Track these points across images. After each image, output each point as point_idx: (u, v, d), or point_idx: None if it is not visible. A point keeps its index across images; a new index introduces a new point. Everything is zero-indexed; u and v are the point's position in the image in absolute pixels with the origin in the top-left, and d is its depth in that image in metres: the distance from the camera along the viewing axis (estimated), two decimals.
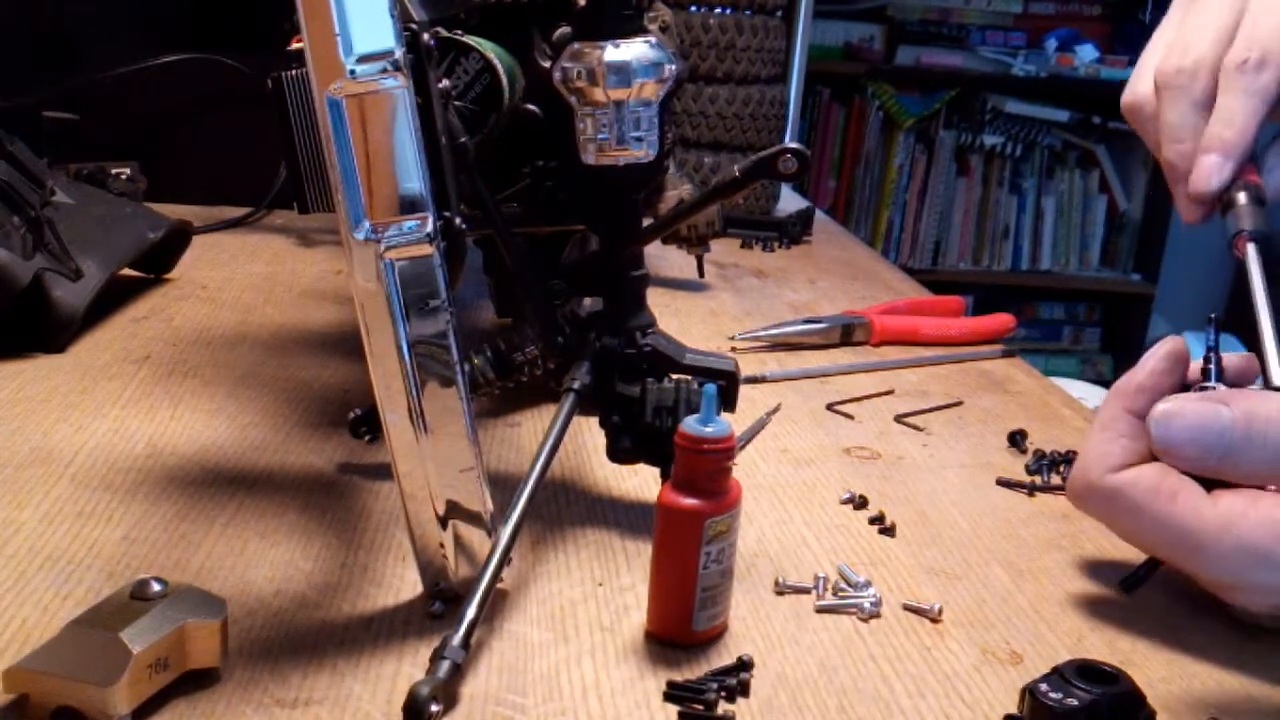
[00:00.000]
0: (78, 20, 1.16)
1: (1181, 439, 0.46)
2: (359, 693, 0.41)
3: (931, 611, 0.49)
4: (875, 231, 3.14)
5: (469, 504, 0.45)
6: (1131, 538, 0.49)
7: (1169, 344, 0.51)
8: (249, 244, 1.06)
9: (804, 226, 1.26)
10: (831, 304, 1.01)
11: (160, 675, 0.39)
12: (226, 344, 0.77)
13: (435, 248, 0.41)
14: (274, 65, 0.52)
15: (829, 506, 0.60)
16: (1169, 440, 0.46)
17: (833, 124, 3.11)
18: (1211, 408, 0.45)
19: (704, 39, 1.17)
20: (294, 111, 0.52)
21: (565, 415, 0.52)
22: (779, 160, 0.50)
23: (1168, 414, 0.46)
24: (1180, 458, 0.46)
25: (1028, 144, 3.17)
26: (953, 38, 3.11)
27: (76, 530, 0.51)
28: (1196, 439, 0.45)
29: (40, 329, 0.73)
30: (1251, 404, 0.45)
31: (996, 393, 0.81)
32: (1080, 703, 0.40)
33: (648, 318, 0.56)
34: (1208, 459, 0.45)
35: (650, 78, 0.50)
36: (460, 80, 0.55)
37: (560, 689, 0.42)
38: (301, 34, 0.39)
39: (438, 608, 0.46)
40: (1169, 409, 0.46)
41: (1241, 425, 0.45)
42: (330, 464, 0.60)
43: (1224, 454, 0.45)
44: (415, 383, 0.42)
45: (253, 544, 0.51)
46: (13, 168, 0.78)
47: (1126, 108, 0.63)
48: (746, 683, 0.43)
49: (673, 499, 0.44)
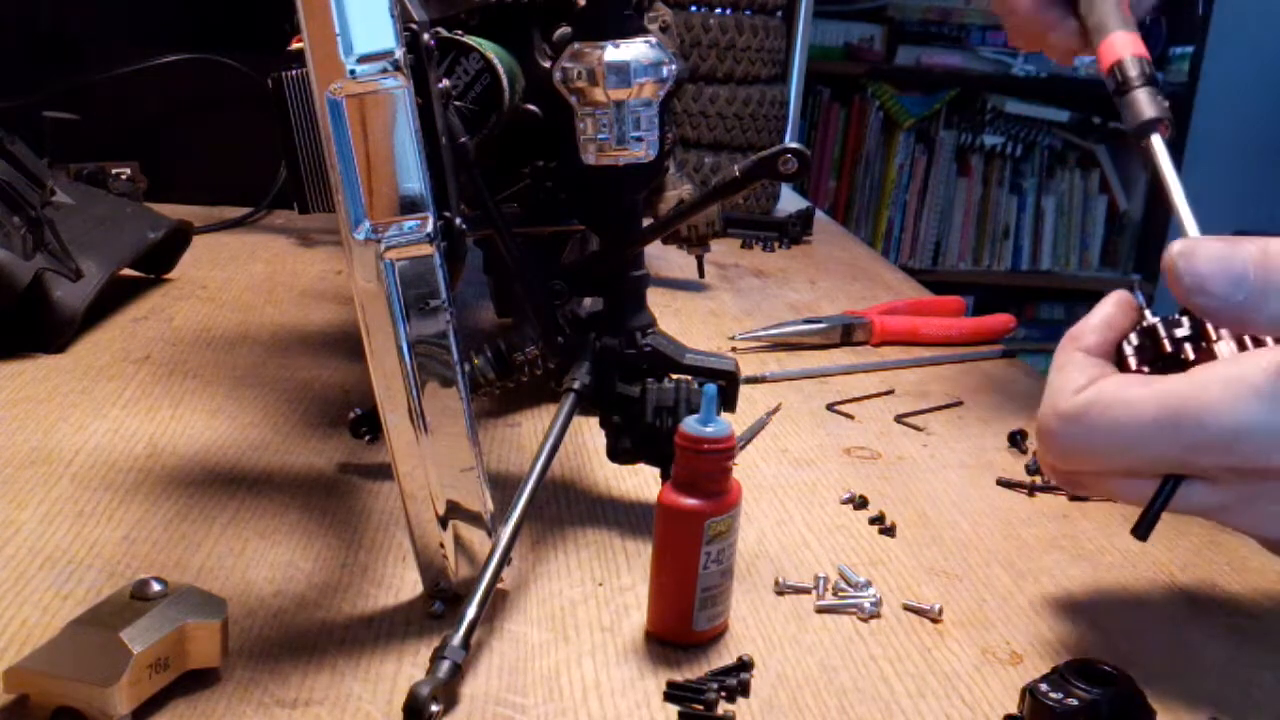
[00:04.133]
0: (78, 20, 1.16)
1: (1206, 271, 0.41)
2: (359, 693, 0.41)
3: (932, 612, 0.49)
4: (875, 231, 3.14)
5: (469, 504, 0.45)
6: (1122, 450, 0.44)
7: (1118, 294, 0.49)
8: (249, 244, 1.06)
9: (804, 226, 1.26)
10: (832, 304, 1.01)
11: (160, 675, 0.39)
12: (227, 344, 0.77)
13: (435, 248, 0.41)
14: (274, 65, 0.52)
15: (829, 506, 0.60)
16: (1194, 273, 0.41)
17: (833, 124, 3.11)
18: (1229, 242, 0.42)
19: (704, 39, 1.17)
20: (294, 111, 0.52)
21: (565, 415, 0.52)
22: (779, 160, 0.50)
23: (1189, 246, 0.42)
24: (1208, 294, 0.42)
25: (1028, 144, 3.16)
26: (953, 38, 3.10)
27: (76, 530, 0.51)
28: (1224, 270, 0.41)
29: (40, 329, 0.73)
30: (1264, 242, 0.42)
31: (996, 393, 0.81)
32: (1080, 703, 0.40)
33: (648, 318, 0.56)
34: (1236, 293, 0.41)
35: (650, 78, 0.50)
36: (460, 80, 0.55)
37: (560, 689, 0.42)
38: (301, 34, 0.39)
39: (438, 608, 0.46)
40: (1187, 244, 0.42)
41: (1259, 260, 0.41)
42: (330, 464, 0.60)
43: (1250, 290, 0.41)
44: (415, 383, 0.42)
45: (253, 544, 0.51)
46: (13, 168, 0.78)
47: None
48: (746, 683, 0.43)
49: (673, 499, 0.44)
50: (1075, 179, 3.23)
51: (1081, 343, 0.47)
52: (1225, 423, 0.41)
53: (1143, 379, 0.44)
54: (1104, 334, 0.48)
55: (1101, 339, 0.47)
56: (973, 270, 3.19)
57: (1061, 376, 0.46)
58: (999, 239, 3.19)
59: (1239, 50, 3.14)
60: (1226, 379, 0.41)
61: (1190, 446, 0.42)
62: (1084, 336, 0.48)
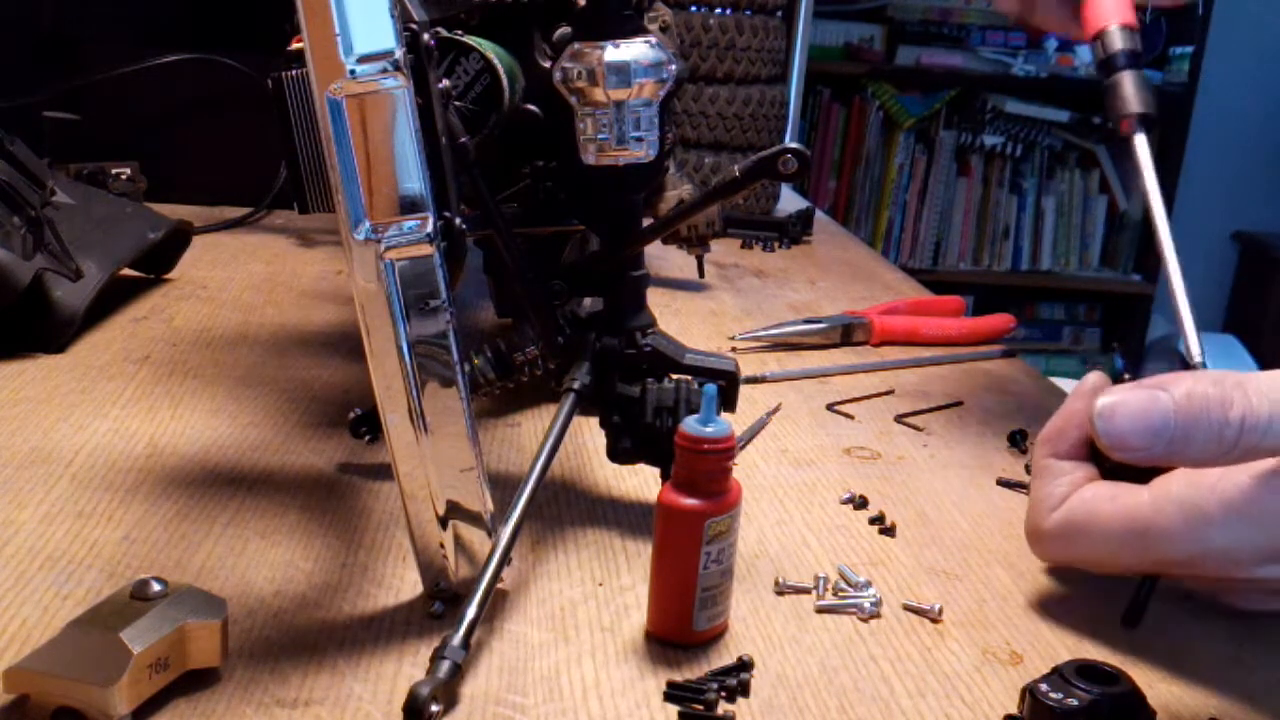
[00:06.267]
0: (78, 20, 1.16)
1: (1125, 429, 0.44)
2: (359, 693, 0.41)
3: (932, 612, 0.49)
4: (875, 231, 3.14)
5: (469, 504, 0.45)
6: (1101, 561, 0.49)
7: (1090, 381, 0.52)
8: (249, 244, 1.06)
9: (804, 226, 1.26)
10: (832, 304, 1.01)
11: (160, 675, 0.39)
12: (227, 344, 0.77)
13: (435, 248, 0.41)
14: (274, 65, 0.52)
15: (829, 507, 0.60)
16: (1113, 433, 0.44)
17: (833, 124, 3.11)
18: (1150, 394, 0.44)
19: (704, 39, 1.17)
20: (294, 111, 0.52)
21: (565, 415, 0.52)
22: (779, 160, 0.50)
23: (1109, 407, 0.45)
24: (1129, 449, 0.44)
25: (1028, 144, 3.17)
26: (953, 38, 3.11)
27: (76, 530, 0.51)
28: (1141, 427, 0.44)
29: (40, 329, 0.73)
30: (1188, 384, 0.44)
31: (997, 393, 0.80)
32: (1080, 703, 0.40)
33: (648, 318, 0.56)
34: (1155, 446, 0.44)
35: (650, 78, 0.50)
36: (460, 80, 0.55)
37: (560, 689, 0.42)
38: (301, 34, 0.39)
39: (438, 608, 0.46)
40: (1109, 401, 0.45)
41: (1183, 407, 0.43)
42: (330, 464, 0.60)
43: (1170, 438, 0.43)
44: (415, 383, 0.42)
45: (253, 544, 0.51)
46: (13, 168, 0.78)
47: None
48: (747, 683, 0.43)
49: (673, 499, 0.44)
50: (1075, 179, 3.23)
51: (1055, 447, 0.51)
52: (1184, 546, 0.45)
53: (1109, 492, 0.47)
54: (1075, 433, 0.51)
55: (1073, 439, 0.51)
56: (973, 270, 3.19)
57: (1039, 487, 0.50)
58: (999, 239, 3.20)
59: (1239, 50, 3.14)
60: (1182, 504, 0.45)
61: (1158, 562, 0.47)
62: (1056, 440, 0.51)
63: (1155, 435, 0.44)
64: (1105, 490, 0.48)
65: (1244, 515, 0.43)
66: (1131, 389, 0.45)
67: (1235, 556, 0.44)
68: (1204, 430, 0.43)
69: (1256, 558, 0.44)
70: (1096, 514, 0.47)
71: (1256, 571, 0.45)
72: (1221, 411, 0.43)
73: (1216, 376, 0.44)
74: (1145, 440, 0.44)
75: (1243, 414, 0.43)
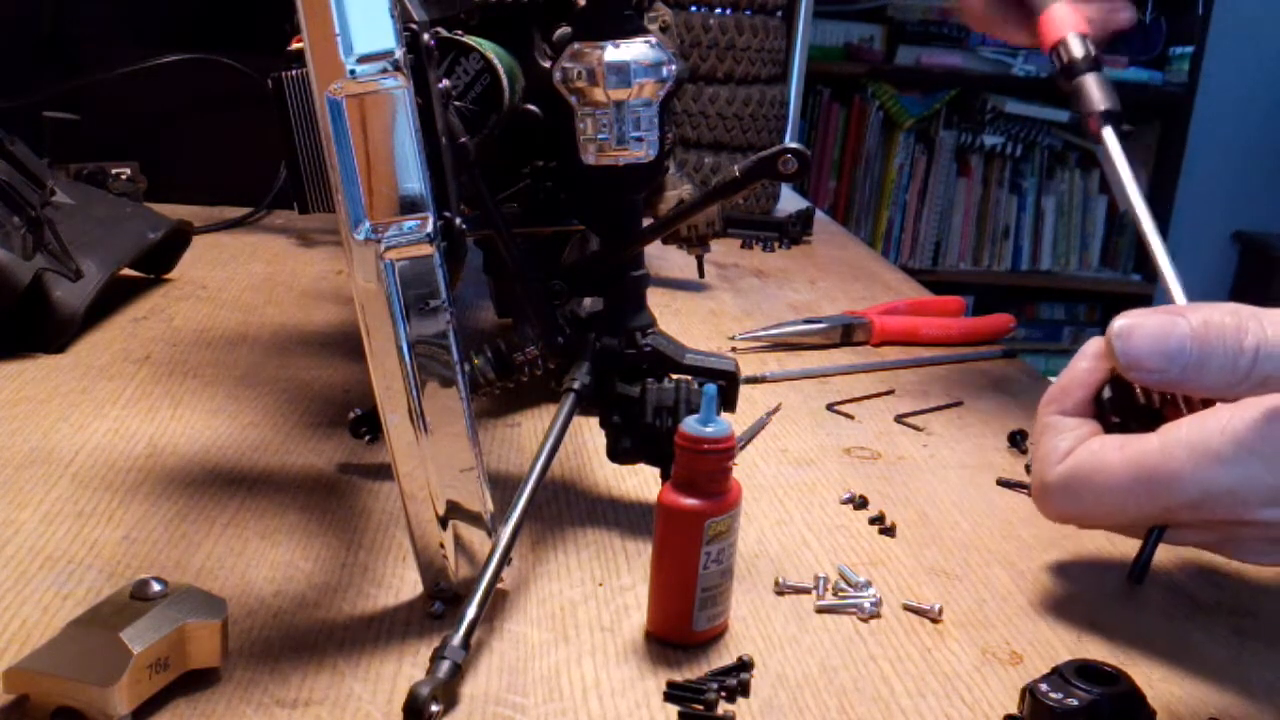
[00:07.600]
0: (78, 20, 1.16)
1: (1142, 349, 0.44)
2: (359, 693, 0.41)
3: (932, 612, 0.49)
4: (875, 231, 3.14)
5: (469, 504, 0.45)
6: (1108, 513, 0.48)
7: (1093, 344, 0.51)
8: (249, 244, 1.06)
9: (804, 226, 1.26)
10: (832, 304, 1.01)
11: (160, 675, 0.39)
12: (226, 344, 0.77)
13: (435, 248, 0.41)
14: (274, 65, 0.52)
15: (829, 506, 0.60)
16: (1130, 353, 0.44)
17: (833, 124, 3.11)
18: (1168, 317, 0.44)
19: (704, 39, 1.17)
20: (294, 111, 0.52)
21: (565, 415, 0.52)
22: (779, 160, 0.50)
23: (1127, 328, 0.45)
24: (1144, 370, 0.44)
25: (1028, 144, 3.17)
26: (953, 38, 3.10)
27: (76, 530, 0.51)
28: (1158, 349, 0.44)
29: (40, 329, 0.73)
30: (1205, 312, 0.44)
31: (996, 393, 0.81)
32: (1080, 703, 0.40)
33: (648, 318, 0.56)
34: (1170, 369, 0.44)
35: (650, 78, 0.50)
36: (460, 80, 0.55)
37: (560, 689, 0.42)
38: (301, 34, 0.39)
39: (438, 608, 0.46)
40: (1127, 323, 0.45)
41: (1199, 332, 0.44)
42: (330, 464, 0.60)
43: (1186, 364, 0.44)
44: (415, 383, 0.42)
45: (253, 544, 0.51)
46: (13, 168, 0.78)
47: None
48: (746, 683, 0.43)
49: (673, 499, 0.44)
50: (1075, 179, 3.23)
51: (1060, 405, 0.51)
52: (1192, 488, 0.44)
53: (1117, 443, 0.47)
54: (1080, 392, 0.50)
55: (1078, 398, 0.50)
56: (973, 270, 3.19)
57: (1045, 442, 0.50)
58: (999, 239, 3.19)
59: (1239, 50, 3.14)
60: (1190, 445, 0.44)
61: (1166, 507, 0.46)
62: (1061, 398, 0.51)
63: (1171, 358, 0.44)
64: (1113, 440, 0.47)
65: (1254, 451, 0.43)
66: (1150, 312, 0.45)
67: (1243, 496, 0.44)
68: (1219, 357, 0.43)
69: (1265, 498, 0.44)
70: (1104, 463, 0.46)
71: (1263, 513, 0.44)
72: (1237, 339, 0.43)
73: (1233, 307, 0.44)
74: (1161, 362, 0.44)
75: (1258, 343, 0.43)
